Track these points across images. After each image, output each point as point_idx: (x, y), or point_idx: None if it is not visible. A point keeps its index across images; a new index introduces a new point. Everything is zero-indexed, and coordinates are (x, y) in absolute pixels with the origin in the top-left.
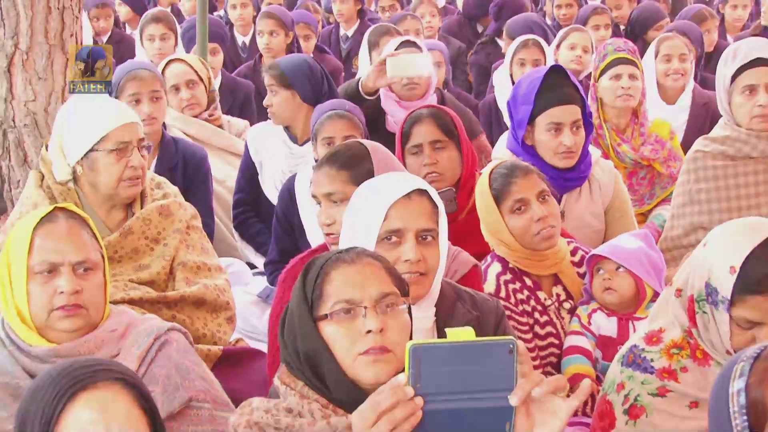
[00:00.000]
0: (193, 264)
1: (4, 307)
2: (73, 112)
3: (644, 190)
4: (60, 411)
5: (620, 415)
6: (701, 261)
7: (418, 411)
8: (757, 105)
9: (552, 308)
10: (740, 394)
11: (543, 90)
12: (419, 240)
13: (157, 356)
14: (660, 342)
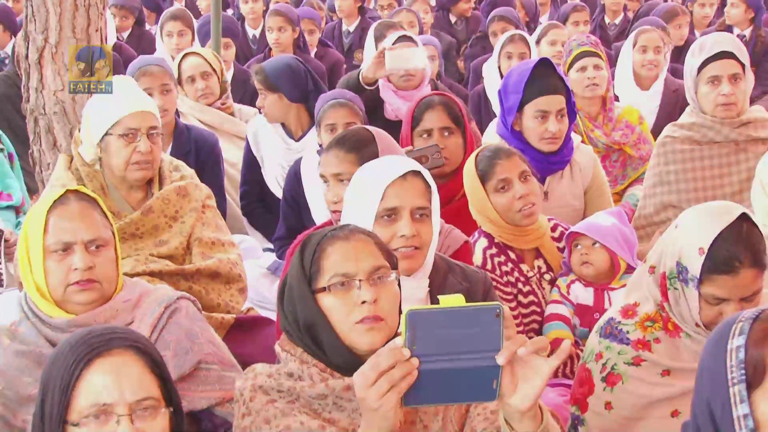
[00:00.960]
0: (208, 240)
1: (25, 283)
2: (97, 98)
3: (617, 172)
4: (78, 376)
5: (598, 382)
6: (673, 241)
7: (414, 370)
8: (720, 94)
9: (534, 279)
10: (739, 350)
11: (531, 80)
12: (414, 217)
13: (168, 323)
14: (635, 315)
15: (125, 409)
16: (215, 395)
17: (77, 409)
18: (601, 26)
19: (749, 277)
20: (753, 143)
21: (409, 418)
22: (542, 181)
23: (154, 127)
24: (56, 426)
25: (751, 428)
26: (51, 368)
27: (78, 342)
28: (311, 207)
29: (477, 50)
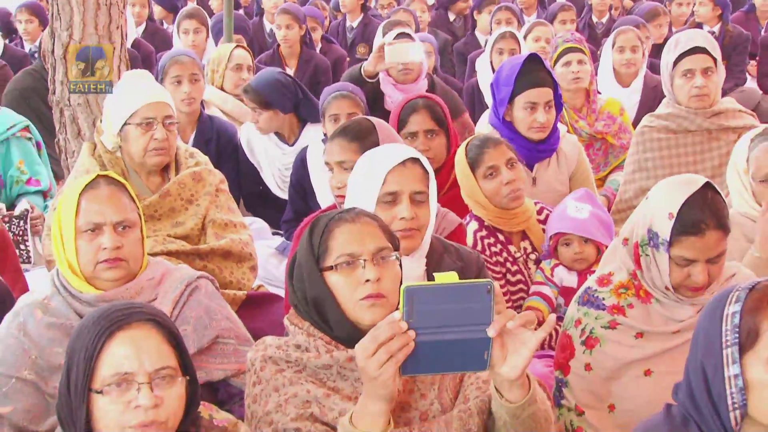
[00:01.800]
0: (221, 221)
1: (57, 260)
2: (116, 91)
3: (600, 159)
4: (101, 347)
5: (578, 346)
6: (644, 211)
7: (410, 342)
8: (694, 87)
9: (521, 259)
10: (734, 316)
11: (521, 74)
12: (413, 200)
13: (188, 300)
14: (610, 284)
15: (145, 377)
16: (231, 367)
17: (100, 377)
18: (589, 25)
19: (714, 239)
20: (724, 132)
21: (408, 388)
22: (530, 168)
23: (169, 116)
24: (81, 393)
25: (740, 387)
26: (76, 340)
27: (101, 316)
28: (316, 192)
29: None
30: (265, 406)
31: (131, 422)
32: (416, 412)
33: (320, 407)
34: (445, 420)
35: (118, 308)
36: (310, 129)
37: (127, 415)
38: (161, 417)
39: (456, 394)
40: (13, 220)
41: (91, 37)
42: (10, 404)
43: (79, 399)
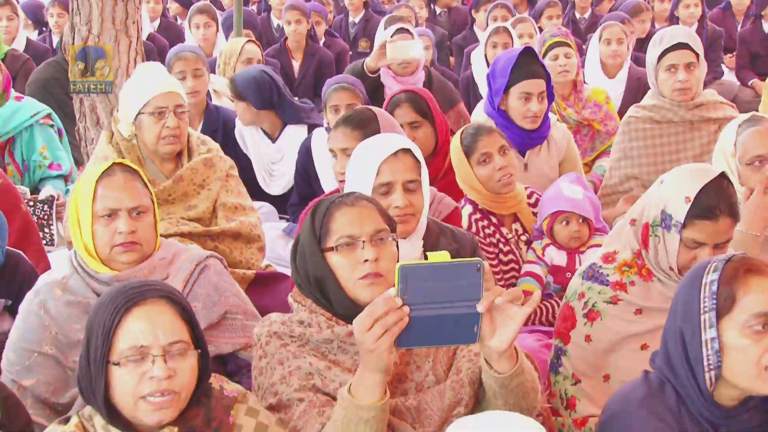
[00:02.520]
0: (231, 205)
1: (75, 243)
2: (130, 82)
3: (586, 145)
4: (118, 322)
5: (580, 318)
6: (657, 194)
7: (405, 317)
8: (677, 81)
9: (512, 241)
10: (713, 284)
11: (516, 66)
12: (406, 189)
13: (198, 278)
14: (614, 261)
15: (159, 350)
16: (239, 341)
17: (118, 350)
18: (573, 20)
19: (726, 225)
20: (705, 122)
21: (404, 360)
22: (522, 155)
23: (180, 105)
24: (100, 365)
25: (716, 350)
26: (95, 316)
27: (118, 293)
28: (320, 177)
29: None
30: (271, 378)
31: (146, 392)
32: (412, 383)
33: (322, 379)
34: (439, 390)
35: (134, 286)
36: (290, 129)
37: (142, 385)
38: (175, 387)
39: (449, 366)
40: (37, 204)
41: (109, 31)
42: (33, 377)
43: (98, 370)
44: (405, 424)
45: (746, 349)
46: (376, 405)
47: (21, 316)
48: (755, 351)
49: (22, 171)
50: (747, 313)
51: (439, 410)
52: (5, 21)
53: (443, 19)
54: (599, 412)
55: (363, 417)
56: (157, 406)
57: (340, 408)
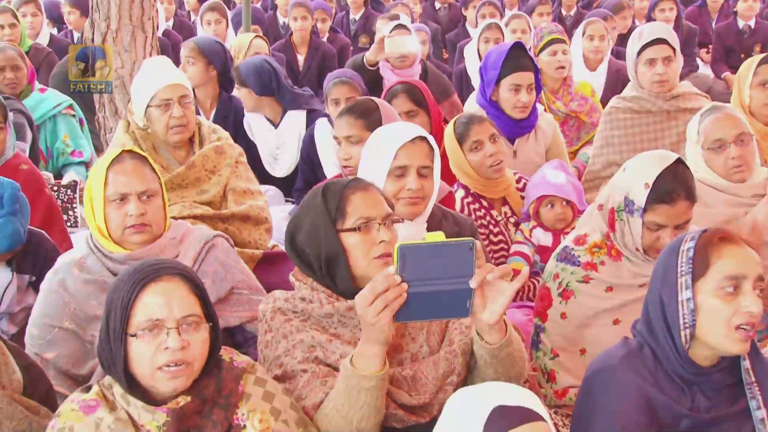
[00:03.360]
0: (241, 189)
1: (90, 225)
2: (138, 77)
3: (573, 135)
4: (135, 297)
5: (555, 297)
6: (621, 181)
7: (403, 293)
8: (656, 74)
9: (502, 222)
10: (689, 251)
11: (507, 60)
12: (419, 174)
13: (207, 257)
14: (585, 243)
15: (174, 323)
16: (246, 315)
17: (135, 323)
18: (559, 17)
19: (683, 208)
20: (681, 112)
21: (400, 332)
22: (512, 142)
23: (184, 96)
24: (119, 337)
25: (691, 309)
26: (113, 292)
27: (135, 270)
28: (323, 164)
29: (452, 35)
30: (275, 351)
31: (162, 362)
32: (407, 354)
33: (323, 351)
34: (434, 360)
35: (150, 264)
36: (291, 114)
37: (158, 355)
38: (188, 358)
39: (442, 337)
40: (61, 188)
41: (126, 27)
42: (55, 350)
43: (117, 342)
44: (402, 392)
45: (718, 310)
46: (376, 375)
47: (42, 294)
48: (726, 311)
49: (46, 158)
50: (719, 276)
51: (434, 379)
52: (30, 17)
53: (443, 14)
54: (578, 383)
55: (364, 386)
56: (171, 375)
57: (343, 378)
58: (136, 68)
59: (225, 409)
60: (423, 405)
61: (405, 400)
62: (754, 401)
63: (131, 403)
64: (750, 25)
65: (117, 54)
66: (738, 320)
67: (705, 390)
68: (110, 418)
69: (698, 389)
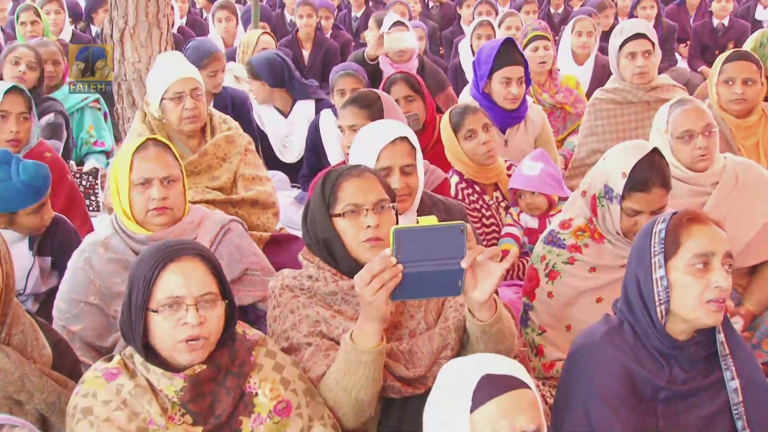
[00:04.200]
0: (250, 175)
1: (115, 208)
2: (152, 71)
3: (559, 124)
4: (156, 275)
5: (543, 277)
6: (601, 170)
7: (399, 273)
8: (637, 66)
9: (493, 206)
10: (661, 232)
11: (499, 55)
12: (402, 172)
13: (222, 240)
14: (570, 227)
15: (192, 300)
16: (258, 294)
17: (156, 300)
18: (548, 15)
19: (658, 195)
20: (660, 103)
21: (399, 310)
22: (503, 132)
23: (196, 88)
24: (140, 312)
25: (665, 286)
26: (136, 270)
27: (157, 250)
28: (327, 151)
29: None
30: (283, 325)
31: (180, 336)
32: (406, 330)
33: (327, 326)
34: (429, 336)
35: (171, 244)
36: (300, 104)
37: (177, 330)
38: (205, 333)
39: (438, 314)
40: (83, 175)
41: (143, 23)
42: (81, 323)
43: (138, 317)
44: (399, 365)
45: (690, 286)
46: (373, 349)
47: (69, 271)
48: (698, 287)
49: (71, 146)
50: (689, 254)
51: (429, 353)
52: (53, 15)
53: (435, 12)
54: (564, 357)
55: (362, 360)
56: (190, 348)
57: (343, 352)
58: (152, 62)
59: (238, 378)
60: (419, 377)
61: (402, 373)
62: (728, 372)
63: (150, 370)
64: (724, 24)
65: (134, 49)
66: (709, 295)
67: (682, 363)
68: (131, 384)
69: (675, 362)
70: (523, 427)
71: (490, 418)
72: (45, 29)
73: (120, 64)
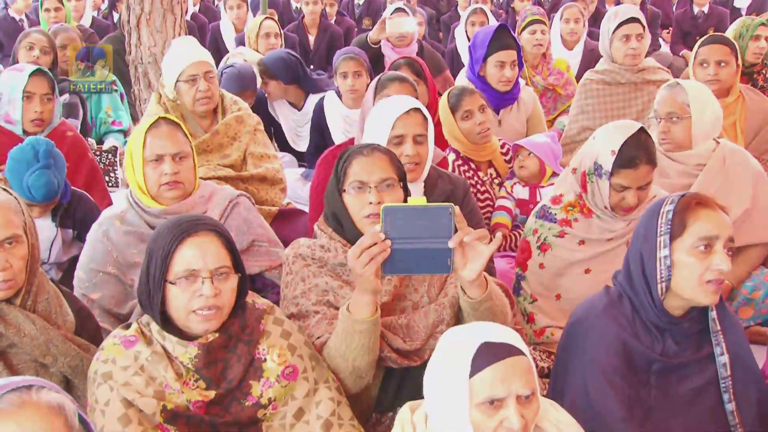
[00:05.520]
0: (258, 153)
1: (130, 183)
2: (167, 55)
3: (550, 105)
4: (174, 249)
5: (534, 250)
6: (591, 148)
7: (387, 248)
8: (630, 48)
9: (487, 182)
10: (669, 213)
11: (493, 40)
12: (415, 141)
13: (231, 213)
14: (561, 202)
15: (207, 273)
16: (264, 264)
17: (173, 272)
18: (539, 2)
19: (645, 171)
20: (647, 84)
21: (404, 283)
22: (497, 113)
23: (209, 71)
24: (158, 283)
25: (668, 265)
26: (154, 243)
27: (173, 225)
28: (331, 131)
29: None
30: (293, 291)
31: (196, 307)
32: (409, 302)
33: (335, 296)
34: (425, 311)
35: (188, 220)
36: (312, 98)
37: (193, 301)
38: (219, 303)
39: (440, 290)
40: (103, 153)
41: (158, 10)
42: (99, 292)
43: (156, 287)
44: (397, 338)
45: (692, 266)
46: (367, 319)
47: (88, 243)
48: (699, 268)
49: (90, 126)
50: (694, 237)
51: (425, 327)
52: (74, 1)
53: (443, 3)
54: (553, 323)
55: (357, 329)
56: (204, 318)
57: (340, 322)
58: (167, 47)
59: (248, 345)
60: (415, 350)
61: (399, 345)
62: (718, 347)
63: (166, 338)
64: (704, 11)
65: (150, 34)
66: (709, 276)
67: (675, 336)
68: (147, 351)
69: (669, 335)
70: (518, 392)
71: (488, 382)
72: (67, 15)
73: (137, 48)
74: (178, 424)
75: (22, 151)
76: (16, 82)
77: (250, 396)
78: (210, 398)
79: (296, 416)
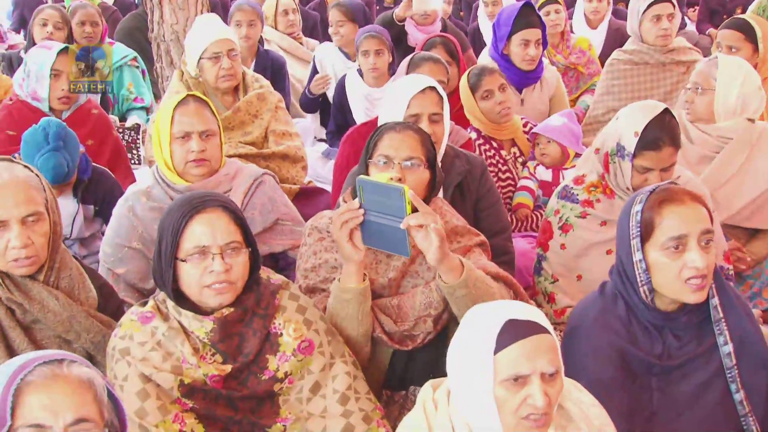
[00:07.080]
0: (280, 131)
1: (157, 159)
2: (191, 32)
3: (572, 84)
4: (184, 226)
5: (556, 230)
6: (614, 129)
7: (358, 216)
8: (661, 28)
9: (510, 162)
10: (638, 214)
11: (518, 18)
12: (430, 120)
13: (256, 191)
14: (583, 183)
15: (218, 249)
16: (288, 243)
17: (184, 249)
18: None
19: (668, 153)
20: (676, 65)
21: (418, 261)
22: (519, 92)
23: (232, 49)
24: (169, 260)
25: (644, 269)
26: (165, 221)
27: (183, 202)
28: (352, 109)
29: None
30: (305, 264)
31: (208, 282)
32: (422, 279)
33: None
34: (412, 294)
35: (197, 196)
36: None
37: (204, 277)
38: (231, 278)
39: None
40: (126, 130)
41: None
42: (125, 266)
43: (168, 265)
44: (388, 319)
45: (667, 267)
46: (353, 288)
47: (114, 218)
48: (674, 267)
49: (113, 103)
50: (663, 238)
51: (412, 309)
52: None
53: None
54: (574, 303)
55: (345, 297)
56: (217, 291)
57: (332, 293)
58: (189, 24)
59: (263, 319)
60: (409, 335)
61: (389, 328)
62: (722, 337)
63: (182, 313)
64: None
65: (172, 11)
66: (687, 274)
67: (675, 331)
68: (164, 326)
69: (669, 331)
70: (543, 369)
71: (513, 359)
72: None
73: (159, 25)
74: (196, 399)
75: (34, 132)
76: (44, 60)
77: (267, 370)
78: (227, 372)
79: (312, 390)
